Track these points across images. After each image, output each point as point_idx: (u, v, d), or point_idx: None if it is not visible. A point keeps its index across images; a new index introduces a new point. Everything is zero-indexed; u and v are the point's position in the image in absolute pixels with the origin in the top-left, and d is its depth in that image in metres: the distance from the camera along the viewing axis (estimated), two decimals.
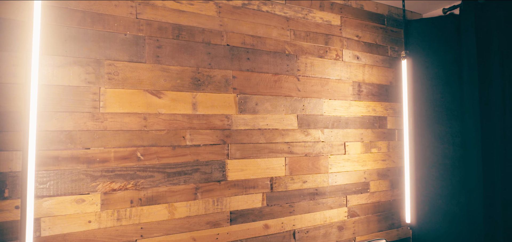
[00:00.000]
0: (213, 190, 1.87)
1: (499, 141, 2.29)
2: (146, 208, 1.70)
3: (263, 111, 2.04)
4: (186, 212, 1.79)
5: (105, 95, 1.63)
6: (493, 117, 2.33)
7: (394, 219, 2.56)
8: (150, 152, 1.72)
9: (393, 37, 2.65)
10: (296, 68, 2.18)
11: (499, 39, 2.30)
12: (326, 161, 2.25)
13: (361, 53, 2.47)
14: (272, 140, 2.06)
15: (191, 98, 1.83)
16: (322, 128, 2.25)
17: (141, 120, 1.71)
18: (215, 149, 1.88)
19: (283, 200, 2.08)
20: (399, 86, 2.65)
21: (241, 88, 1.98)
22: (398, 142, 2.62)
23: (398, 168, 2.61)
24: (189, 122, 1.82)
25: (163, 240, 1.73)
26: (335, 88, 2.33)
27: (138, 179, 1.69)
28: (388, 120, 2.57)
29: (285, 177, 2.09)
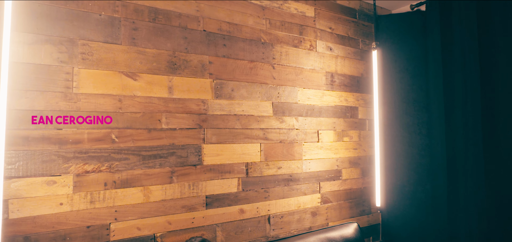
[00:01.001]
0: (189, 174, 1.87)
1: (461, 129, 2.43)
2: (121, 190, 1.68)
3: (239, 97, 2.07)
4: (161, 196, 1.79)
5: (78, 76, 1.60)
6: (456, 107, 2.47)
7: (365, 206, 2.65)
8: (125, 135, 1.70)
9: (365, 31, 2.75)
10: (272, 57, 2.22)
11: (460, 35, 2.44)
12: (300, 148, 2.30)
13: (334, 45, 2.55)
14: (248, 126, 2.09)
15: (167, 81, 1.83)
16: (297, 116, 2.30)
17: (116, 101, 1.68)
18: (191, 133, 1.88)
19: (259, 186, 2.11)
20: (369, 78, 2.75)
21: (218, 73, 1.99)
22: (368, 132, 2.71)
23: (369, 157, 2.71)
24: (165, 105, 1.82)
25: (138, 223, 1.72)
26: (309, 77, 2.39)
27: (113, 162, 1.66)
28: (359, 110, 2.66)
29: (260, 163, 2.13)
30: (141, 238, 1.72)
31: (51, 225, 1.52)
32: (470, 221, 2.34)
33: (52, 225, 1.53)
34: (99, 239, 1.62)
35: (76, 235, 1.57)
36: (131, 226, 1.70)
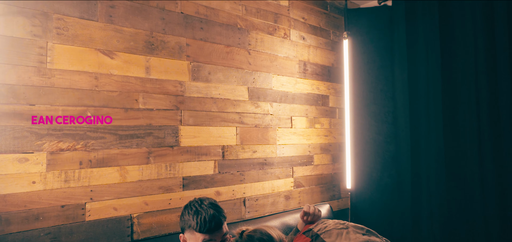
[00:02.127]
0: (166, 155, 1.86)
1: (424, 118, 2.59)
2: (97, 170, 1.65)
3: (216, 81, 2.08)
4: (138, 176, 1.77)
5: (53, 51, 1.55)
6: (420, 97, 2.63)
7: (335, 191, 2.75)
8: (102, 113, 1.67)
9: (335, 23, 2.86)
10: (247, 42, 2.25)
11: (424, 28, 2.60)
12: (274, 133, 2.36)
13: (307, 35, 2.63)
14: (224, 109, 2.11)
15: (145, 61, 1.81)
16: (271, 102, 2.35)
17: (92, 79, 1.65)
18: (168, 114, 1.88)
19: (234, 169, 2.14)
20: (340, 68, 2.85)
21: (195, 56, 2.00)
22: (338, 120, 2.82)
23: (339, 144, 2.81)
24: (142, 85, 1.80)
25: (114, 203, 1.69)
26: (283, 64, 2.45)
27: (88, 140, 1.63)
28: (330, 99, 2.76)
29: (236, 146, 2.16)
30: (117, 218, 1.70)
31: (23, 204, 1.47)
32: (431, 202, 2.50)
33: (24, 204, 1.47)
34: (74, 219, 1.58)
35: (50, 215, 1.53)
36: (107, 206, 1.67)
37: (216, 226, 1.33)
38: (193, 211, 1.34)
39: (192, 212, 1.34)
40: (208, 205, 1.35)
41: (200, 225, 1.30)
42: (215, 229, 1.33)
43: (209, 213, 1.32)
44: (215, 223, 1.32)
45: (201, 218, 1.31)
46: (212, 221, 1.32)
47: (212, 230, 1.32)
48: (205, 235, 1.31)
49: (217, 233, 1.34)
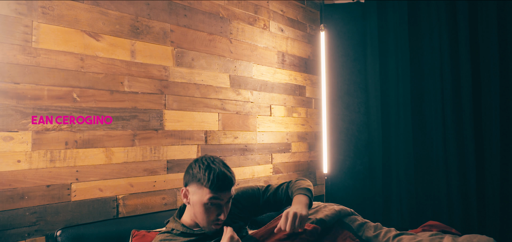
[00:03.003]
0: (150, 138, 1.89)
1: (394, 108, 2.76)
2: (82, 151, 1.66)
3: (199, 67, 2.13)
4: (123, 158, 1.79)
5: (38, 30, 1.55)
6: (390, 89, 2.79)
7: (311, 177, 2.87)
8: (87, 94, 1.68)
9: (312, 17, 2.98)
10: (229, 31, 2.32)
11: (394, 24, 2.77)
12: (254, 120, 2.44)
13: (285, 27, 2.73)
14: (207, 95, 2.16)
15: (130, 45, 1.83)
16: (251, 90, 2.43)
17: (78, 60, 1.66)
18: (153, 98, 1.91)
19: (217, 153, 2.20)
20: (315, 60, 2.97)
21: (179, 42, 2.04)
22: (314, 110, 2.94)
23: (314, 133, 2.93)
24: (128, 68, 1.82)
25: (100, 184, 1.71)
26: (262, 54, 2.53)
27: (74, 121, 1.63)
28: (306, 89, 2.87)
29: (218, 132, 2.21)
30: (103, 199, 1.71)
31: (7, 183, 1.46)
32: (401, 187, 2.67)
33: (9, 183, 1.46)
34: (59, 199, 1.58)
35: (35, 194, 1.52)
36: (93, 187, 1.69)
37: (227, 186, 1.27)
38: (205, 165, 1.28)
39: (204, 167, 1.27)
40: (220, 163, 1.30)
41: (211, 181, 1.23)
42: (225, 188, 1.27)
43: (222, 171, 1.27)
44: (227, 183, 1.27)
45: (214, 174, 1.24)
46: (224, 179, 1.26)
47: (221, 188, 1.26)
48: (214, 192, 1.24)
49: (226, 193, 1.28)
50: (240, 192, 1.52)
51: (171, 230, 1.35)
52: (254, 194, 1.53)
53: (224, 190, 1.26)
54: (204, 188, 1.25)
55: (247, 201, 1.51)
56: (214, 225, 1.29)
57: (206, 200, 1.24)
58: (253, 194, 1.53)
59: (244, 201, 1.51)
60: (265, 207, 1.53)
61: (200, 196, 1.26)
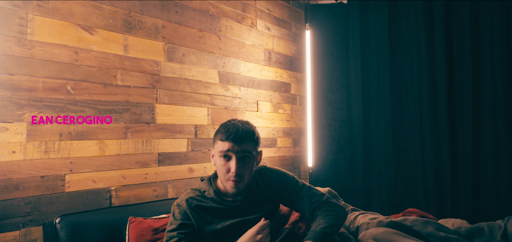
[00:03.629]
0: (142, 131, 1.93)
1: (375, 105, 2.89)
2: (76, 142, 1.68)
3: (189, 63, 2.18)
4: (116, 150, 1.82)
5: (33, 22, 1.57)
6: (371, 86, 2.92)
7: (295, 172, 2.96)
8: (81, 87, 1.70)
9: (297, 17, 3.07)
10: (218, 29, 2.38)
11: (375, 24, 2.90)
12: (242, 116, 2.50)
13: (272, 25, 2.81)
14: (197, 90, 2.22)
15: (123, 39, 1.87)
16: (239, 86, 2.50)
17: (72, 53, 1.68)
18: (145, 92, 1.95)
19: (206, 147, 2.25)
20: (300, 59, 3.07)
21: (170, 38, 2.08)
22: (299, 107, 3.04)
23: (299, 129, 3.03)
24: (121, 62, 1.85)
25: (93, 176, 1.73)
26: (250, 52, 2.60)
27: (68, 113, 1.66)
28: (291, 86, 2.97)
29: (208, 126, 2.27)
30: (96, 190, 1.74)
31: (2, 173, 1.47)
32: (381, 180, 2.80)
33: (4, 173, 1.48)
34: (53, 189, 1.61)
35: (30, 185, 1.54)
36: (86, 178, 1.71)
37: (239, 137, 1.25)
38: (224, 123, 1.33)
39: (223, 124, 1.32)
40: (237, 121, 1.32)
41: (224, 133, 1.27)
42: (236, 139, 1.25)
43: (235, 124, 1.29)
44: (239, 134, 1.25)
45: (227, 126, 1.28)
46: (237, 131, 1.25)
47: (233, 138, 1.25)
48: (226, 142, 1.25)
49: (238, 145, 1.25)
50: (277, 174, 1.45)
51: (204, 191, 1.38)
52: (291, 186, 1.43)
53: (236, 141, 1.25)
54: (218, 142, 1.30)
55: (281, 186, 1.43)
56: (230, 181, 1.29)
57: (219, 151, 1.28)
58: (288, 185, 1.44)
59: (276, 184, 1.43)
60: (291, 204, 1.46)
61: (216, 149, 1.31)
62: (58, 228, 1.35)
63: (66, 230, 1.35)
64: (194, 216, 1.32)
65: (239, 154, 1.27)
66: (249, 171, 1.31)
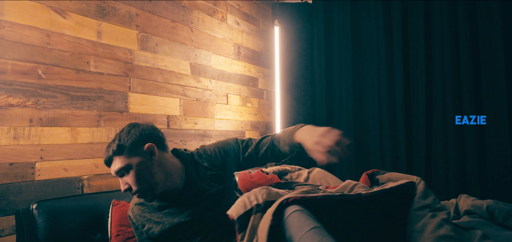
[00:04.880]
0: (115, 120, 1.90)
1: (338, 101, 3.05)
2: (47, 129, 1.62)
3: (162, 53, 2.17)
4: (89, 138, 1.78)
5: (2, 1, 1.49)
6: (334, 83, 3.08)
7: None
8: (53, 72, 1.65)
9: (264, 13, 3.15)
10: (190, 20, 2.39)
11: (338, 24, 3.06)
12: (212, 108, 2.53)
13: (241, 21, 2.86)
14: (169, 81, 2.21)
15: (97, 25, 1.82)
16: (210, 78, 2.52)
17: (44, 36, 1.62)
18: (118, 80, 1.91)
19: (178, 138, 2.26)
20: (267, 55, 3.16)
21: (143, 26, 2.06)
22: (266, 101, 3.12)
23: (266, 123, 3.11)
24: (94, 49, 1.81)
25: (65, 164, 1.68)
26: (220, 45, 2.64)
27: (39, 98, 1.59)
28: (259, 81, 3.04)
29: (179, 117, 2.27)
30: (67, 179, 1.69)
31: None
32: (343, 172, 2.96)
33: None
34: (23, 177, 1.54)
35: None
36: (57, 166, 1.65)
37: (109, 161, 1.22)
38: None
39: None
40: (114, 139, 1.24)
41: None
42: (109, 164, 1.23)
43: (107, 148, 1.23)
44: (108, 160, 1.22)
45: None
46: (106, 157, 1.23)
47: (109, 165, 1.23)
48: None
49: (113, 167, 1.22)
50: (213, 153, 1.40)
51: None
52: (232, 150, 1.40)
53: (109, 166, 1.23)
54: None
55: (223, 159, 1.39)
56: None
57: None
58: (230, 151, 1.39)
59: (219, 160, 1.39)
60: (246, 164, 1.40)
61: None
62: (35, 214, 1.30)
63: (44, 216, 1.30)
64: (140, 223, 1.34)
65: (118, 174, 1.22)
66: (137, 178, 1.20)
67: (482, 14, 2.37)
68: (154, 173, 1.23)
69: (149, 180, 1.22)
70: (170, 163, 1.31)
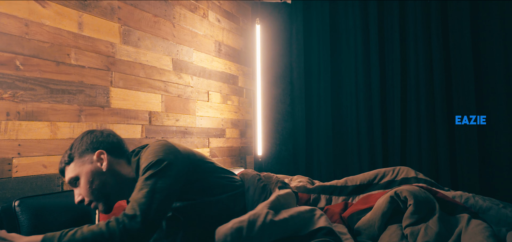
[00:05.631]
0: (97, 115, 1.83)
1: (316, 99, 3.10)
2: (26, 123, 1.54)
3: (144, 47, 2.13)
4: (69, 134, 1.70)
5: None
6: (313, 81, 3.13)
7: (242, 162, 3.04)
8: (32, 63, 1.57)
9: (244, 12, 3.16)
10: (172, 16, 2.35)
11: (317, 24, 3.12)
12: (194, 105, 2.51)
13: (222, 18, 2.85)
14: (151, 76, 2.17)
15: (77, 17, 1.76)
16: (192, 75, 2.49)
17: (22, 25, 1.53)
18: (100, 74, 1.85)
19: (160, 134, 2.21)
20: (247, 53, 3.16)
21: (126, 20, 2.01)
22: (245, 99, 3.12)
23: (245, 121, 3.11)
24: (75, 41, 1.74)
25: (44, 160, 1.60)
26: (202, 42, 2.61)
27: (17, 90, 1.51)
28: (239, 79, 3.04)
29: (161, 113, 2.23)
30: (47, 176, 1.61)
31: None
32: (321, 170, 3.02)
33: None
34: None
35: None
36: (36, 162, 1.58)
37: (62, 171, 1.18)
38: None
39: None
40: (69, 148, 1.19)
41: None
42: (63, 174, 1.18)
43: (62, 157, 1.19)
44: (61, 170, 1.18)
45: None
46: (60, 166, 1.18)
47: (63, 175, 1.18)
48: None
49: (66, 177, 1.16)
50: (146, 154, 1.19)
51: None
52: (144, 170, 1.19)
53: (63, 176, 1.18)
54: None
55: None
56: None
57: None
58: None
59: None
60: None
61: None
62: (18, 212, 1.23)
63: (27, 213, 1.24)
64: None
65: (71, 185, 1.16)
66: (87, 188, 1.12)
67: (452, 15, 2.49)
68: (106, 183, 1.14)
69: (101, 190, 1.13)
70: (127, 172, 1.21)
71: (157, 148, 1.10)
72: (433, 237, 1.27)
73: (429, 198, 1.44)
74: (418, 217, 1.36)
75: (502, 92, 2.31)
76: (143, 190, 1.01)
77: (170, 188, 1.06)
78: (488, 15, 2.38)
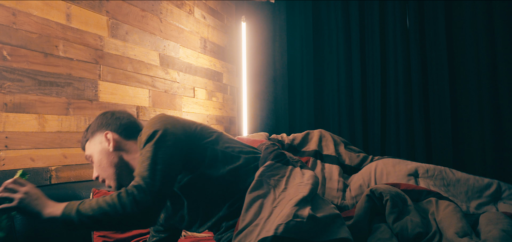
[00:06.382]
0: (85, 108, 1.80)
1: (299, 97, 3.16)
2: (13, 115, 1.50)
3: (132, 42, 2.11)
4: (57, 127, 1.67)
5: None
6: (296, 78, 3.19)
7: None
8: (20, 54, 1.53)
9: (228, 10, 3.18)
10: (159, 11, 2.34)
11: (300, 24, 3.18)
12: (180, 101, 2.50)
13: (207, 15, 2.86)
14: (139, 71, 2.15)
15: (65, 8, 1.72)
16: (178, 71, 2.49)
17: (9, 15, 1.49)
18: (88, 67, 1.82)
19: None
20: (231, 50, 3.18)
21: (114, 13, 1.99)
22: (230, 96, 3.14)
23: (229, 118, 3.13)
24: (63, 32, 1.71)
25: (32, 153, 1.56)
26: (188, 38, 2.61)
27: (4, 81, 1.47)
28: (223, 76, 3.06)
29: (149, 108, 2.22)
30: (35, 170, 1.57)
31: None
32: None
33: None
34: None
35: None
36: (24, 156, 1.54)
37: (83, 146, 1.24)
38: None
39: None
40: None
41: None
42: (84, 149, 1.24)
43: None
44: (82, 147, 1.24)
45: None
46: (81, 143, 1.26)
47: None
48: None
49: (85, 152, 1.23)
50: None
51: None
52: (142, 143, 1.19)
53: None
54: None
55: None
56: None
57: None
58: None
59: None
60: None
61: None
62: None
63: None
64: None
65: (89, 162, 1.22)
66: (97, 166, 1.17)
67: (428, 15, 2.61)
68: (114, 163, 1.15)
69: (109, 169, 1.16)
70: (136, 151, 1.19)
71: (153, 120, 1.10)
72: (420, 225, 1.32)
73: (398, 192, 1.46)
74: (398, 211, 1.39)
75: (473, 87, 2.44)
76: (144, 163, 1.00)
77: (171, 156, 1.03)
78: (461, 15, 2.51)
